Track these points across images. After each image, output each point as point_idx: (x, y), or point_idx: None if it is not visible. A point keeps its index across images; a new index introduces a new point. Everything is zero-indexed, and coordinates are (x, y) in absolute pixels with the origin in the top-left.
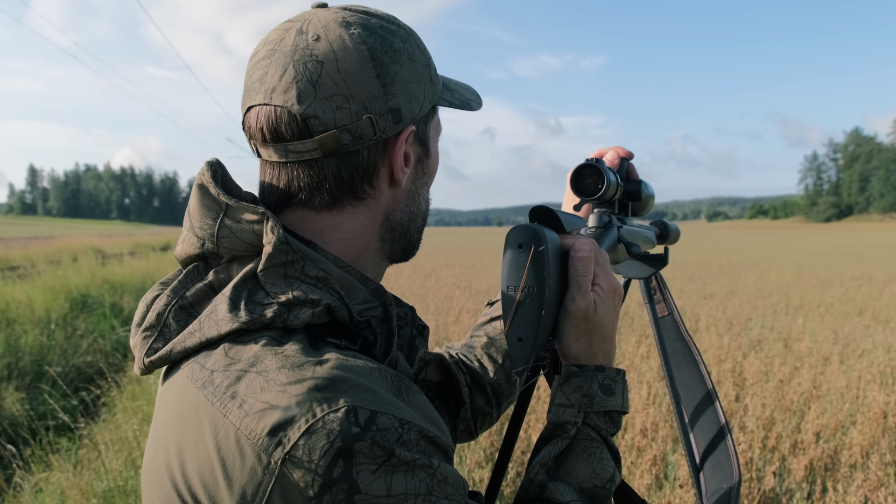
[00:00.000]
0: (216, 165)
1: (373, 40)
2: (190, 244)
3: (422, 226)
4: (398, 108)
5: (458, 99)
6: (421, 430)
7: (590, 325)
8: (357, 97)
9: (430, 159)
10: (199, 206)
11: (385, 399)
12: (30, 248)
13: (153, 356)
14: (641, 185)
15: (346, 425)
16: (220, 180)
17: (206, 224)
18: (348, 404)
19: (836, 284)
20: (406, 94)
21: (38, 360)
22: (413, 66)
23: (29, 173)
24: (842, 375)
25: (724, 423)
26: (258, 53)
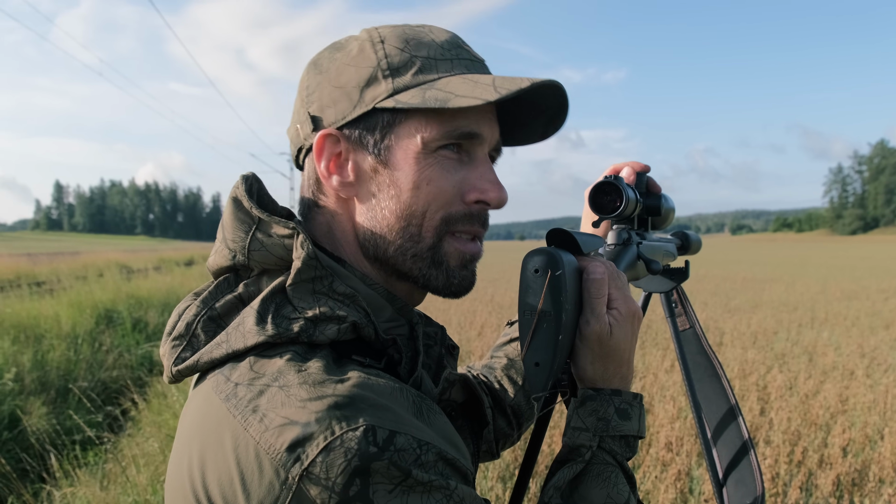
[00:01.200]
0: (251, 179)
1: (323, 55)
2: (222, 256)
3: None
4: (316, 114)
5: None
6: (439, 452)
7: (605, 348)
8: (295, 107)
9: (395, 172)
10: (233, 219)
11: (404, 419)
12: (56, 263)
13: (181, 365)
14: (661, 200)
15: (364, 444)
16: (255, 194)
17: (238, 237)
18: (367, 423)
19: (862, 297)
20: (329, 98)
21: (65, 375)
22: (345, 70)
23: (55, 189)
24: (868, 389)
25: (747, 438)
26: None
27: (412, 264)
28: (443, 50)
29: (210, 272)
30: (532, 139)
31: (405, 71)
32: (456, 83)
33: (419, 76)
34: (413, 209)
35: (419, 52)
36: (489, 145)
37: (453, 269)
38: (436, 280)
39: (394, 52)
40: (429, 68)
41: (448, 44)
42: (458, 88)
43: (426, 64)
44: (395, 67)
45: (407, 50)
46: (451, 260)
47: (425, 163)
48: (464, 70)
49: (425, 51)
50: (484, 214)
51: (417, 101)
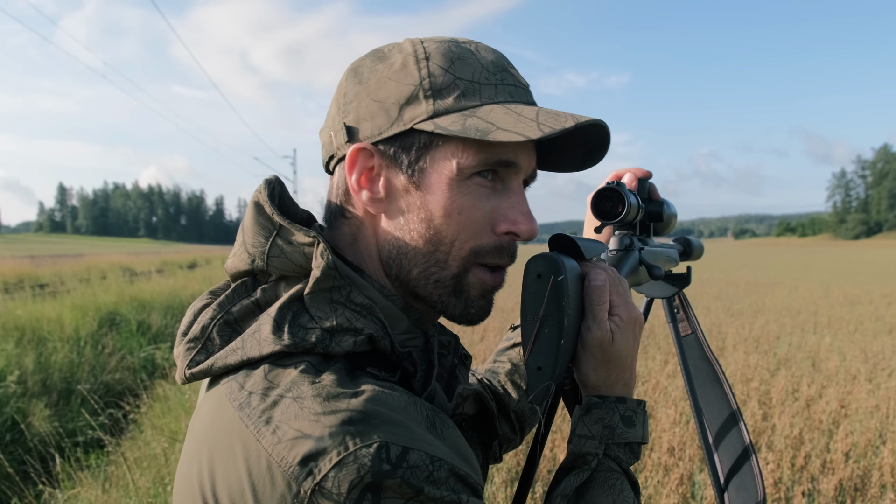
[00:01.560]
0: (274, 183)
1: (365, 63)
2: (241, 259)
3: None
4: (351, 125)
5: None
6: (451, 468)
7: (606, 354)
8: (331, 114)
9: (427, 195)
10: (253, 224)
11: (417, 435)
12: (59, 265)
13: (194, 368)
14: (663, 206)
15: (377, 461)
16: (277, 198)
17: (258, 241)
18: (381, 440)
19: (865, 302)
20: (367, 111)
21: (68, 378)
22: (386, 84)
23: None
24: (871, 395)
25: (748, 443)
26: None
27: (433, 289)
28: (487, 73)
29: (228, 274)
30: (569, 168)
31: (447, 94)
32: (498, 114)
33: (461, 100)
34: (442, 236)
35: (463, 75)
36: (525, 174)
37: (473, 299)
38: (453, 308)
39: (437, 71)
40: (471, 93)
41: (493, 66)
42: (500, 120)
43: (469, 88)
44: (437, 88)
45: (451, 71)
46: (472, 290)
47: (458, 190)
48: (507, 97)
49: (469, 73)
50: (513, 246)
51: (458, 128)
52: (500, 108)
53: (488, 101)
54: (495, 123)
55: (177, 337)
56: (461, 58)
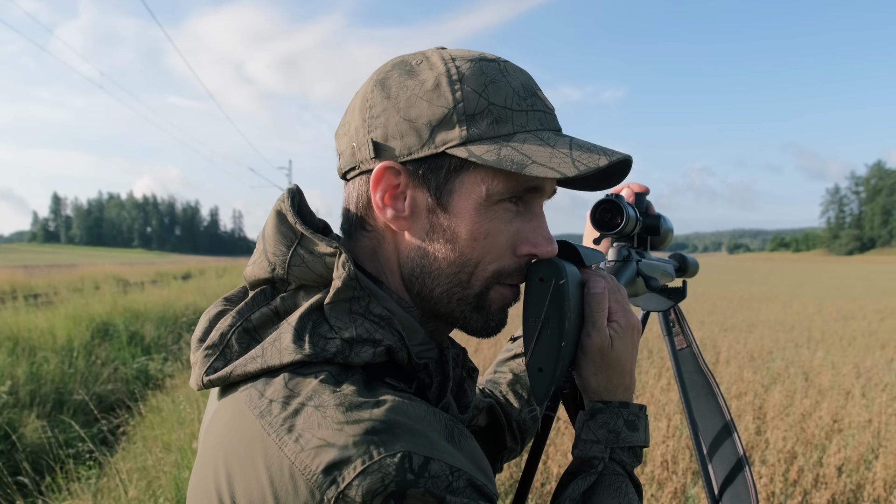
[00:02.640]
0: (295, 193)
1: (394, 73)
2: (261, 268)
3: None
4: (378, 140)
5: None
6: (469, 478)
7: (606, 360)
8: (352, 124)
9: (453, 217)
10: (275, 232)
11: (438, 445)
12: (52, 275)
13: (213, 375)
14: (660, 220)
15: (401, 471)
16: (297, 206)
17: (279, 250)
18: (404, 450)
19: (858, 318)
20: (396, 130)
21: (60, 388)
22: (419, 103)
23: (52, 201)
24: (864, 409)
25: (742, 455)
26: None
27: (455, 307)
28: (519, 98)
29: (247, 282)
30: (584, 187)
31: (481, 119)
32: (532, 145)
33: (494, 127)
34: (467, 258)
35: (496, 100)
36: (547, 196)
37: (493, 313)
38: (475, 323)
39: (471, 95)
40: (504, 119)
41: (524, 91)
42: (535, 153)
43: (502, 115)
44: (470, 113)
45: (484, 96)
46: (493, 305)
47: (486, 215)
48: (538, 124)
49: (502, 98)
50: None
51: (493, 158)
52: (532, 138)
53: (520, 129)
54: (531, 157)
55: (192, 343)
56: (494, 81)
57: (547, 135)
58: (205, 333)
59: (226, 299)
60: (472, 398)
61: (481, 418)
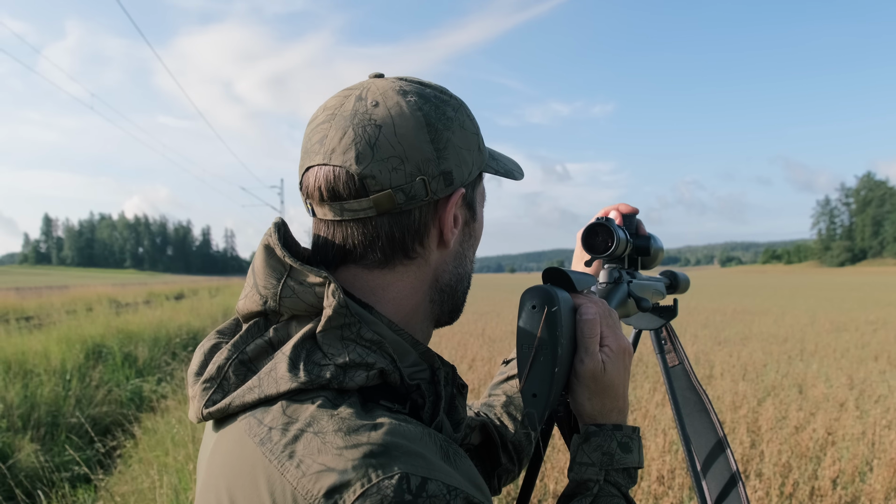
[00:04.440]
0: (281, 226)
1: (428, 108)
2: (252, 301)
3: (467, 287)
4: (450, 171)
5: (502, 168)
6: (467, 497)
7: (599, 385)
8: (412, 159)
9: (476, 223)
10: (265, 266)
11: (435, 465)
12: (44, 297)
13: (212, 407)
14: (650, 241)
15: (399, 492)
16: (283, 238)
17: (269, 283)
18: (402, 471)
19: (850, 329)
20: (457, 159)
21: (54, 411)
22: (463, 134)
23: (44, 222)
24: (858, 421)
25: (735, 471)
26: (318, 118)
27: (461, 300)
28: None
29: (240, 315)
30: None
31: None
32: (502, 158)
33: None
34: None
35: None
36: None
37: None
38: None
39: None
40: None
41: None
42: (509, 163)
43: None
44: (481, 136)
45: None
46: None
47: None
48: None
49: None
50: None
51: (502, 170)
52: (495, 153)
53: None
54: (508, 165)
55: (189, 378)
56: None
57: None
58: (201, 367)
59: (219, 332)
60: (464, 414)
61: (475, 436)
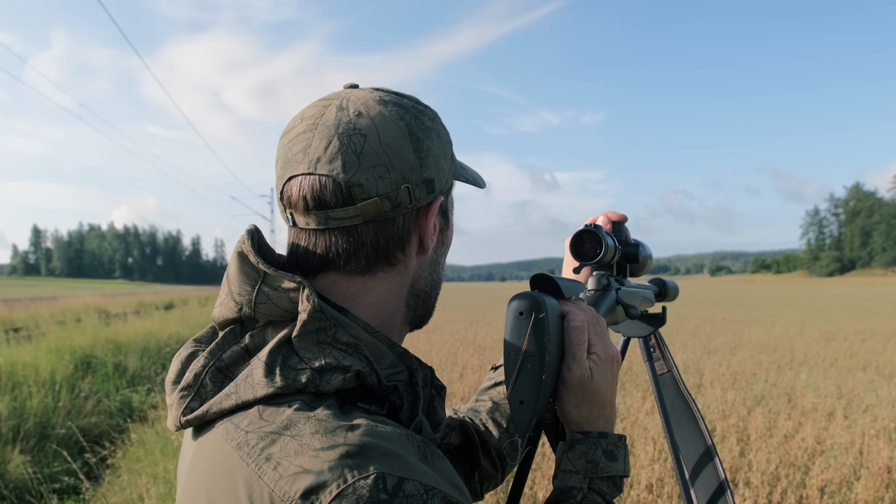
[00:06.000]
0: (254, 233)
1: (409, 117)
2: (228, 308)
3: (438, 293)
4: (431, 179)
5: (470, 176)
6: (445, 497)
7: (587, 392)
8: (397, 168)
9: (449, 230)
10: (238, 273)
11: (412, 465)
12: (33, 308)
13: (190, 415)
14: (639, 248)
15: (374, 492)
16: (257, 245)
17: (244, 290)
18: (378, 471)
19: (839, 339)
20: (437, 167)
21: (43, 423)
22: (440, 143)
23: (32, 234)
24: (846, 431)
25: (723, 479)
26: (296, 128)
27: (433, 305)
28: None
29: (215, 323)
30: None
31: None
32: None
33: None
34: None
35: None
36: None
37: None
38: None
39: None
40: None
41: None
42: (473, 173)
43: None
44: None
45: None
46: None
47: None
48: None
49: None
50: None
51: (470, 178)
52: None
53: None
54: (474, 174)
55: (167, 386)
56: None
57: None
58: (178, 375)
59: (196, 340)
60: (443, 415)
61: (454, 437)
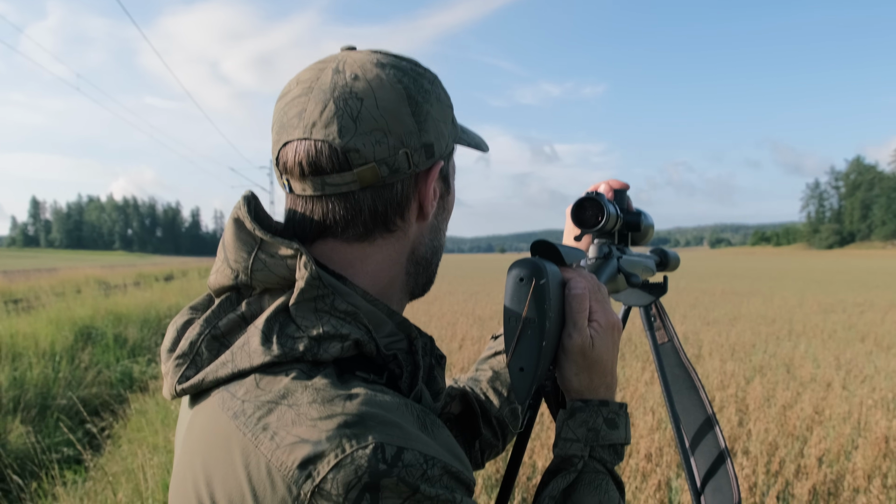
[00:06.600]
0: (251, 199)
1: (407, 80)
2: (224, 276)
3: (439, 260)
4: (430, 144)
5: (472, 140)
6: (444, 466)
7: (588, 360)
8: (395, 132)
9: (450, 195)
10: (235, 240)
11: (411, 434)
12: (33, 280)
13: (185, 384)
14: (640, 216)
15: (373, 462)
16: (254, 212)
17: (240, 257)
18: (376, 441)
19: (838, 311)
20: (436, 132)
21: (44, 393)
22: (440, 107)
23: (31, 205)
24: (844, 401)
25: (723, 448)
26: (291, 92)
27: (434, 272)
28: None
29: (211, 291)
30: None
31: None
32: (469, 131)
33: None
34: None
35: None
36: None
37: None
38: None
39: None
40: None
41: None
42: (475, 136)
43: None
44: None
45: None
46: None
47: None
48: None
49: None
50: None
51: (473, 142)
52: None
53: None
54: (476, 138)
55: (162, 354)
56: None
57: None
58: (174, 343)
59: (191, 308)
60: (443, 384)
61: (455, 406)
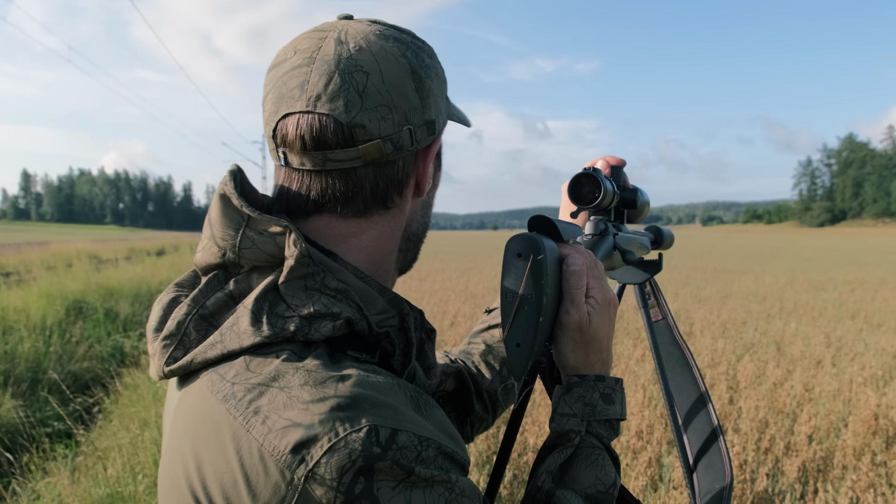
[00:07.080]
0: (237, 173)
1: (410, 54)
2: (210, 253)
3: (426, 236)
4: (433, 120)
5: (459, 115)
6: (439, 447)
7: (585, 336)
8: (399, 108)
9: (438, 171)
10: (221, 217)
11: (405, 416)
12: (24, 253)
13: (173, 365)
14: (637, 193)
15: (367, 445)
16: (240, 187)
17: (227, 234)
18: (370, 424)
19: (829, 289)
20: (436, 108)
21: (35, 367)
22: (438, 82)
23: (22, 178)
24: (834, 378)
25: (716, 425)
26: (289, 60)
27: (419, 248)
28: None
29: (198, 268)
30: None
31: None
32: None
33: None
34: None
35: None
36: None
37: None
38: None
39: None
40: None
41: None
42: (461, 112)
43: None
44: None
45: None
46: None
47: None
48: None
49: None
50: None
51: (460, 118)
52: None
53: None
54: (461, 113)
55: (148, 334)
56: None
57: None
58: (160, 322)
59: (177, 285)
60: (433, 359)
61: (449, 383)
